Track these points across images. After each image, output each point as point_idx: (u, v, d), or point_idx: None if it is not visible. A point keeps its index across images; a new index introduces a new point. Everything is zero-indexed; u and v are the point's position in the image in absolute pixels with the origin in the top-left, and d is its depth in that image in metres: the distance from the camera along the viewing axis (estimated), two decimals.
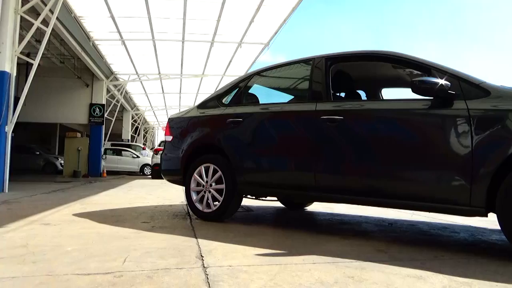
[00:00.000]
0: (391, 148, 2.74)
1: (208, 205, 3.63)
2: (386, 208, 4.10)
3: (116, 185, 9.23)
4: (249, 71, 6.73)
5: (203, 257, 2.26)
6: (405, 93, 3.91)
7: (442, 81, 2.49)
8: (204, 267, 2.05)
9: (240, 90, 3.87)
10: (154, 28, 11.46)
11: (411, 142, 2.69)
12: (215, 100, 3.98)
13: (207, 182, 3.66)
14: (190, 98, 22.35)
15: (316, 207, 4.95)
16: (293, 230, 3.26)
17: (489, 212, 2.38)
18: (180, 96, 22.17)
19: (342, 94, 3.94)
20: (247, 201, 5.18)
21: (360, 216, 4.20)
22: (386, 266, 2.10)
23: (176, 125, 4.19)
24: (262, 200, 4.10)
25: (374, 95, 4.05)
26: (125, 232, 3.00)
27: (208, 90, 18.80)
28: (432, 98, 2.58)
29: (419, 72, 2.89)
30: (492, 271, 2.05)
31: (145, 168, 18.01)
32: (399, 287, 1.75)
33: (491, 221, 3.09)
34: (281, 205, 4.98)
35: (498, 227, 2.33)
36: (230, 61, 15.04)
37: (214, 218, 3.57)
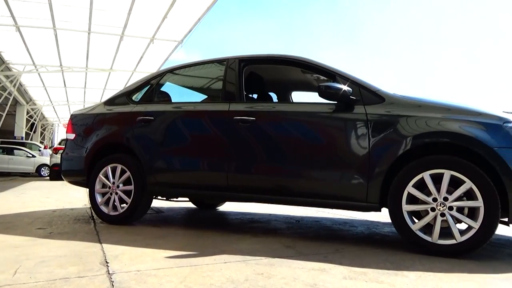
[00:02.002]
0: (299, 148, 2.88)
1: (114, 208, 3.43)
2: (294, 206, 4.30)
3: (6, 188, 8.21)
4: (161, 68, 6.52)
5: (108, 263, 2.12)
6: (313, 97, 4.15)
7: (345, 87, 2.70)
8: (109, 273, 1.93)
9: (151, 87, 3.73)
10: (56, 15, 10.49)
11: (317, 143, 2.86)
12: (124, 96, 3.78)
13: (114, 183, 3.46)
14: (96, 94, 20.93)
15: (227, 206, 4.99)
16: (204, 230, 3.24)
17: (382, 207, 2.64)
18: (85, 92, 20.62)
19: (255, 96, 4.04)
20: (157, 203, 5.01)
21: (270, 214, 4.34)
22: (293, 261, 2.21)
23: (80, 122, 3.89)
24: (173, 201, 4.01)
25: (285, 97, 4.22)
26: (16, 241, 2.69)
27: (116, 86, 17.80)
28: (336, 102, 2.78)
29: (325, 78, 3.09)
30: (384, 260, 2.28)
31: (43, 168, 16.35)
32: (305, 280, 1.85)
33: (384, 216, 3.43)
34: (193, 206, 4.93)
35: (390, 221, 2.60)
36: (142, 57, 14.44)
37: (122, 221, 3.39)
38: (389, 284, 1.83)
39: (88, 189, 3.64)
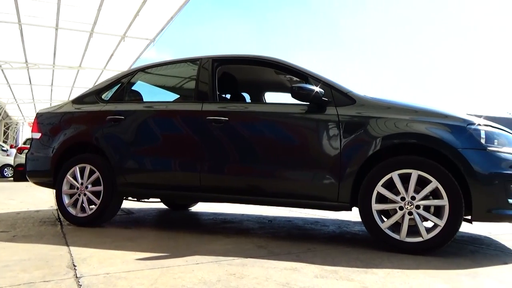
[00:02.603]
0: (271, 149, 2.90)
1: (83, 209, 3.34)
2: (267, 206, 4.32)
3: None
4: (133, 67, 6.39)
5: (75, 266, 2.06)
6: (286, 98, 4.18)
7: (317, 89, 2.74)
8: (76, 277, 1.87)
9: (122, 86, 3.64)
10: (21, 10, 10.09)
11: (289, 144, 2.88)
12: (94, 95, 3.68)
13: (82, 184, 3.36)
14: (64, 92, 20.26)
15: (200, 207, 4.95)
16: (176, 231, 3.20)
17: (353, 206, 2.70)
18: (51, 89, 19.92)
19: (228, 96, 4.03)
20: (127, 204, 4.91)
21: (243, 215, 4.34)
22: (265, 261, 2.21)
23: (46, 121, 3.75)
24: (144, 202, 3.94)
25: (258, 98, 4.23)
26: None
27: (85, 85, 17.29)
28: (308, 103, 2.81)
29: (298, 79, 3.12)
30: (354, 258, 2.32)
31: (6, 169, 15.64)
32: (277, 280, 1.86)
33: (355, 215, 3.50)
34: (164, 207, 4.86)
35: (360, 220, 2.65)
36: (112, 55, 14.11)
37: (90, 223, 3.30)
38: (359, 282, 1.86)
39: (54, 190, 3.52)
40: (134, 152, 3.28)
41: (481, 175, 2.37)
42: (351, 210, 2.72)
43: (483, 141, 2.45)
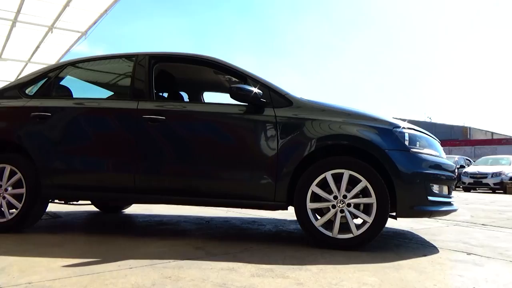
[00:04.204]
0: (209, 149, 2.88)
1: (2, 214, 3.05)
2: (204, 207, 4.29)
3: None
4: (62, 60, 5.94)
5: None
6: (225, 98, 4.17)
7: (255, 90, 2.77)
8: None
9: (49, 80, 3.39)
10: None
11: (227, 144, 2.89)
12: (16, 89, 3.38)
13: (1, 186, 3.07)
14: None
15: (134, 209, 4.77)
16: (108, 235, 3.05)
17: (289, 205, 2.77)
18: None
19: (165, 95, 3.93)
20: (54, 207, 4.58)
21: (179, 216, 4.26)
22: (202, 262, 2.19)
23: None
24: (73, 204, 3.70)
25: (196, 97, 4.19)
26: None
27: (6, 78, 15.82)
28: (246, 104, 2.84)
29: (236, 80, 3.14)
30: (290, 256, 2.39)
31: None
32: (214, 281, 1.85)
33: (290, 214, 3.60)
34: (95, 209, 4.61)
35: (295, 218, 2.73)
36: (38, 47, 13.08)
37: (11, 229, 3.02)
38: (294, 278, 1.92)
39: None
40: (62, 151, 3.07)
41: (405, 174, 2.57)
42: (287, 209, 2.79)
43: (407, 143, 2.65)
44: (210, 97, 4.29)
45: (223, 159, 2.85)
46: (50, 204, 3.32)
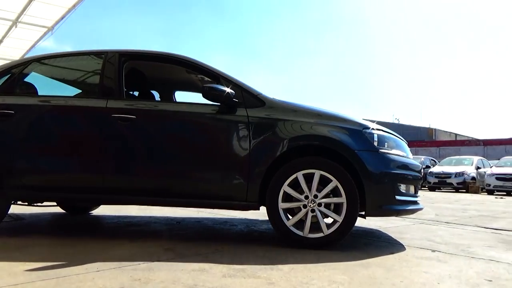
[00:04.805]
0: (181, 149, 2.85)
1: None
2: (176, 207, 4.23)
3: None
4: (27, 56, 5.68)
5: None
6: (197, 97, 4.14)
7: (228, 90, 2.76)
8: None
9: (13, 77, 3.24)
10: None
11: (199, 144, 2.86)
12: None
13: None
14: None
15: (102, 210, 4.65)
16: (75, 237, 2.96)
17: (261, 205, 2.78)
18: None
19: (136, 93, 3.85)
20: (16, 208, 4.39)
21: (150, 217, 4.19)
22: (173, 263, 2.16)
23: None
24: (38, 206, 3.57)
25: (168, 96, 4.13)
26: None
27: None
28: (219, 104, 2.82)
29: (209, 79, 3.12)
30: (261, 256, 2.39)
31: None
32: (185, 282, 1.83)
33: (262, 214, 3.61)
34: (61, 211, 4.45)
35: (267, 218, 2.74)
36: (1, 41, 12.52)
37: None
38: (265, 278, 1.92)
39: None
40: (26, 151, 2.95)
41: (374, 174, 2.63)
42: (259, 209, 2.80)
43: (376, 143, 2.72)
44: (182, 96, 4.24)
45: (194, 159, 2.82)
46: (12, 206, 3.18)
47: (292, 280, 1.90)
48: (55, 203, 3.95)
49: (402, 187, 2.76)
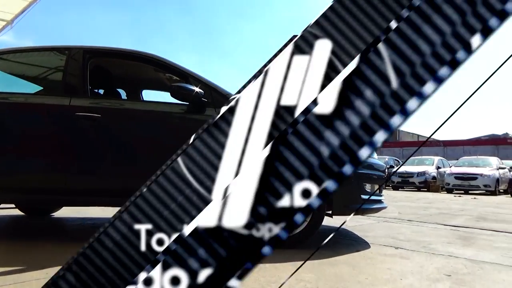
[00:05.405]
0: (148, 149, 2.79)
1: None
2: None
3: None
4: None
5: None
6: (165, 97, 4.08)
7: (197, 89, 2.74)
8: None
9: None
10: None
11: (167, 144, 2.81)
12: None
13: None
14: None
15: (65, 212, 4.48)
16: (35, 241, 2.83)
17: None
18: None
19: (101, 91, 3.74)
20: None
21: None
22: None
23: None
24: None
25: (135, 95, 4.04)
26: None
27: None
28: (188, 103, 2.79)
29: (177, 78, 3.08)
30: None
31: None
32: None
33: None
34: (20, 213, 4.25)
35: None
36: None
37: None
38: None
39: None
40: None
41: None
42: None
43: None
44: (149, 95, 4.16)
45: (161, 159, 2.77)
46: None
47: (261, 280, 1.90)
48: (13, 205, 3.77)
49: (367, 187, 2.84)
